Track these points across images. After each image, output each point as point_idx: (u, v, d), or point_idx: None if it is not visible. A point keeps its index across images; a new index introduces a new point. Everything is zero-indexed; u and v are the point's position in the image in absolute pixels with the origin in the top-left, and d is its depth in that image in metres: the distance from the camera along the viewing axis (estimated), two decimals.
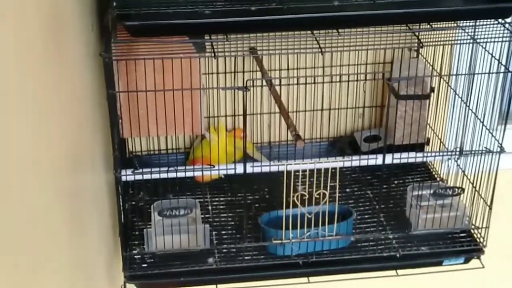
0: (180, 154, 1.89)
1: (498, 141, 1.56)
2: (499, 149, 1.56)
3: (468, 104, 1.60)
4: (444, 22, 1.51)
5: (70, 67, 1.22)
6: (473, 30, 1.48)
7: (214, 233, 1.64)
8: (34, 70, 0.95)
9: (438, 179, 1.84)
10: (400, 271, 1.63)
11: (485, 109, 1.58)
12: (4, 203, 0.78)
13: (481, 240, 1.63)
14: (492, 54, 1.52)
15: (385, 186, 1.70)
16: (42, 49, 1.00)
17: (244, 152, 1.52)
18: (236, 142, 1.67)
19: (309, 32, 1.44)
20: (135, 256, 1.57)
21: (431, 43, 1.53)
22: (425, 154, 1.68)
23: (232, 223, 1.69)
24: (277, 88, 1.56)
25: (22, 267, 0.84)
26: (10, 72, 0.82)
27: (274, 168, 1.55)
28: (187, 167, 1.57)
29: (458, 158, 1.63)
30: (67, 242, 1.14)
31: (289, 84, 1.74)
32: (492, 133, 1.58)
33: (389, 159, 1.57)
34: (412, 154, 1.62)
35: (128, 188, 1.70)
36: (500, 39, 1.45)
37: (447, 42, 1.53)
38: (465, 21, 1.50)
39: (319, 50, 1.40)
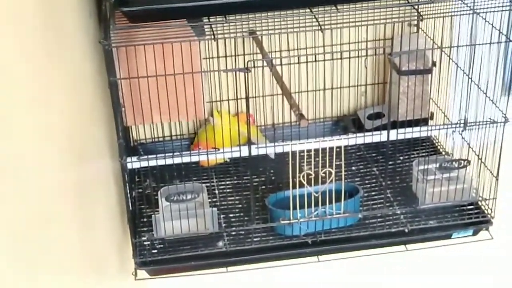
0: (185, 140, 1.89)
1: (502, 111, 1.56)
2: (503, 120, 1.56)
3: (470, 76, 1.60)
4: None
5: (70, 55, 1.22)
6: (472, 1, 1.47)
7: (222, 216, 1.64)
8: (34, 60, 0.95)
9: (443, 152, 1.84)
10: (409, 246, 1.63)
11: (487, 80, 1.58)
12: (12, 194, 0.78)
13: (489, 211, 1.63)
14: (492, 24, 1.51)
15: (390, 162, 1.70)
16: (42, 38, 1.00)
17: (249, 136, 1.52)
18: (241, 127, 1.67)
19: (307, 10, 1.43)
20: (145, 242, 1.57)
21: (430, 16, 1.52)
22: (430, 128, 1.67)
23: (240, 205, 1.69)
24: (279, 68, 1.56)
25: (33, 257, 0.85)
26: (11, 64, 0.82)
27: (279, 149, 1.55)
28: (192, 152, 1.57)
29: (462, 131, 1.62)
30: (76, 231, 1.14)
31: (290, 64, 1.74)
32: (496, 104, 1.57)
33: (393, 135, 1.56)
34: (417, 128, 1.62)
35: (134, 176, 1.71)
36: (500, 9, 1.44)
37: (446, 14, 1.52)
38: None
39: (319, 27, 1.39)
